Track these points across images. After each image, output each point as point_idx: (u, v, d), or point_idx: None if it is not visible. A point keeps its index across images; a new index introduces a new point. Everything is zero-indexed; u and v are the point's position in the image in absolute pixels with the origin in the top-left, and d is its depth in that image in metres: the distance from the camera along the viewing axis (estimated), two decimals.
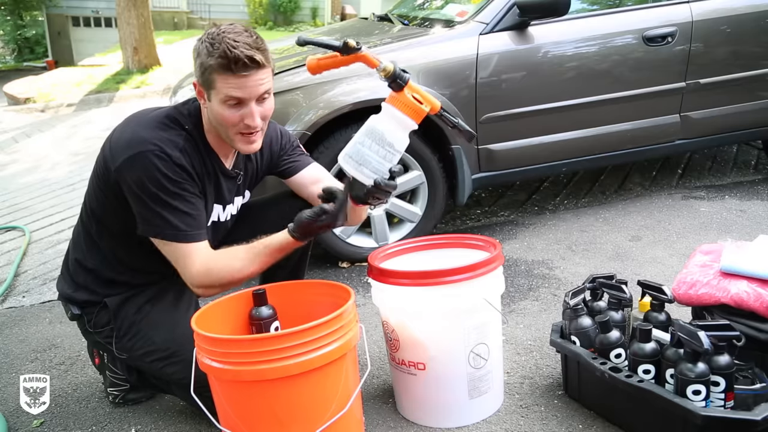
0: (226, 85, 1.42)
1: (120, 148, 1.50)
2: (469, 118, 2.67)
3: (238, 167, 1.70)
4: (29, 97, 8.53)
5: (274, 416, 1.35)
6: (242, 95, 1.44)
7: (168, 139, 1.49)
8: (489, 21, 2.71)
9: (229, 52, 1.38)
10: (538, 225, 3.05)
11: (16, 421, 1.81)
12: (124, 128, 1.54)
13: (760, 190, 3.30)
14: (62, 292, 1.73)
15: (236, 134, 1.50)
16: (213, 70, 1.41)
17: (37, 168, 5.15)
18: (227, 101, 1.45)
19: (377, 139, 1.40)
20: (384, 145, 1.40)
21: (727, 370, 1.36)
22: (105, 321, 1.67)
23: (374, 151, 1.40)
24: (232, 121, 1.47)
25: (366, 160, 1.40)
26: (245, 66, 1.40)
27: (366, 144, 1.41)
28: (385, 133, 1.41)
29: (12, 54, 19.24)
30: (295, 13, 15.87)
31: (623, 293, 1.70)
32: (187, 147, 1.52)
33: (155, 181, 1.46)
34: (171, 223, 1.48)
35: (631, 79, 2.91)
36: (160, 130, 1.50)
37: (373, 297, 1.68)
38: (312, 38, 1.45)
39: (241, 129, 1.49)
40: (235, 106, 1.46)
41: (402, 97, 1.42)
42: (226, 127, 1.49)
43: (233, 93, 1.43)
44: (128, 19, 9.21)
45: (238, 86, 1.42)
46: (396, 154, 1.42)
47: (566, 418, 1.63)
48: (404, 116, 1.42)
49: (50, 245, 3.29)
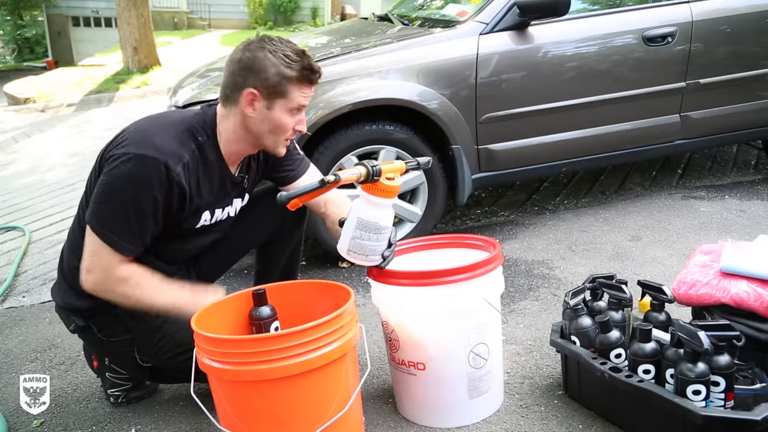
0: (301, 95, 1.54)
1: (130, 140, 1.51)
2: (469, 118, 2.68)
3: (242, 172, 1.72)
4: (29, 97, 8.54)
5: (274, 416, 1.35)
6: (307, 103, 1.58)
7: (175, 152, 1.50)
8: (489, 21, 2.71)
9: (311, 66, 1.54)
10: (538, 225, 3.05)
11: (16, 421, 1.81)
12: (144, 125, 1.56)
13: (760, 190, 3.30)
14: (63, 302, 1.67)
15: (285, 140, 1.61)
16: (292, 80, 1.52)
17: (37, 168, 5.15)
18: (295, 109, 1.56)
19: (372, 230, 1.51)
20: (379, 231, 1.52)
21: (727, 370, 1.36)
22: (121, 331, 1.65)
23: (372, 240, 1.52)
24: (289, 128, 1.58)
25: (367, 249, 1.53)
26: (318, 78, 1.57)
27: (363, 237, 1.52)
28: (377, 221, 1.51)
29: (12, 54, 19.26)
30: (295, 13, 15.88)
31: (623, 293, 1.70)
32: (191, 163, 1.54)
33: (134, 193, 1.47)
34: (118, 232, 1.49)
35: (631, 79, 2.91)
36: (173, 140, 1.52)
37: (373, 297, 1.68)
38: (293, 193, 1.50)
39: (290, 135, 1.60)
40: (294, 114, 1.57)
41: (379, 185, 1.50)
42: (280, 134, 1.58)
43: (304, 102, 1.56)
44: (128, 19, 9.21)
45: (308, 96, 1.57)
46: (390, 231, 1.55)
47: (566, 418, 1.63)
48: (385, 200, 1.51)
49: (50, 245, 3.29)
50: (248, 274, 2.66)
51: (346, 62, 2.60)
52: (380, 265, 1.57)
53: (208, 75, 3.04)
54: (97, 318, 1.65)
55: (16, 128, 7.13)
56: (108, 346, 1.70)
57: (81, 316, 1.66)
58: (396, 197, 1.56)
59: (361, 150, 2.56)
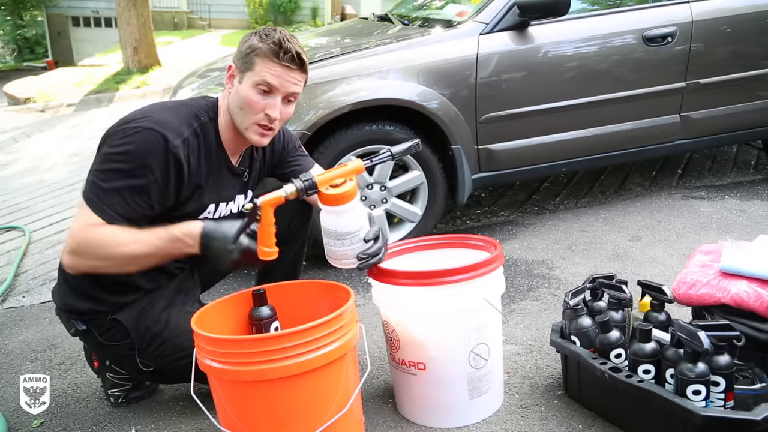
0: (265, 69, 1.49)
1: (129, 117, 1.51)
2: (469, 118, 2.68)
3: (244, 165, 1.71)
4: (29, 97, 8.54)
5: (274, 416, 1.35)
6: (276, 84, 1.50)
7: (175, 127, 1.49)
8: (489, 21, 2.71)
9: (283, 42, 1.49)
10: (538, 225, 3.05)
11: (16, 421, 1.81)
12: (145, 107, 1.56)
13: (760, 190, 3.30)
14: (63, 304, 1.66)
15: (253, 123, 1.54)
16: (260, 53, 1.49)
17: (37, 168, 5.15)
18: (260, 85, 1.50)
19: (334, 236, 1.52)
20: (342, 238, 1.52)
21: (727, 370, 1.36)
22: (121, 335, 1.64)
23: (338, 246, 1.53)
24: (255, 107, 1.52)
25: (338, 254, 1.54)
26: (291, 59, 1.49)
27: (331, 244, 1.54)
28: (336, 229, 1.51)
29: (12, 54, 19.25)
30: (295, 13, 15.88)
31: (623, 293, 1.70)
32: (192, 139, 1.53)
33: (129, 163, 1.43)
34: (106, 199, 1.43)
35: (631, 79, 2.91)
36: (174, 118, 1.51)
37: (373, 297, 1.68)
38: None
39: (260, 120, 1.54)
40: (264, 93, 1.51)
41: (323, 195, 1.49)
42: (247, 112, 1.53)
43: (269, 79, 1.50)
44: (128, 19, 9.21)
45: (277, 74, 1.50)
46: (357, 234, 1.52)
47: (566, 418, 1.63)
48: (337, 207, 1.49)
49: (50, 245, 3.29)
50: (248, 274, 2.66)
51: (346, 62, 2.60)
52: (370, 262, 1.54)
53: (208, 75, 3.04)
54: (98, 322, 1.64)
55: (16, 128, 7.12)
56: (109, 349, 1.69)
57: (81, 320, 1.65)
58: (352, 200, 1.49)
59: (361, 150, 2.55)
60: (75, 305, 1.64)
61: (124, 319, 1.63)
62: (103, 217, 1.43)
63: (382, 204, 2.67)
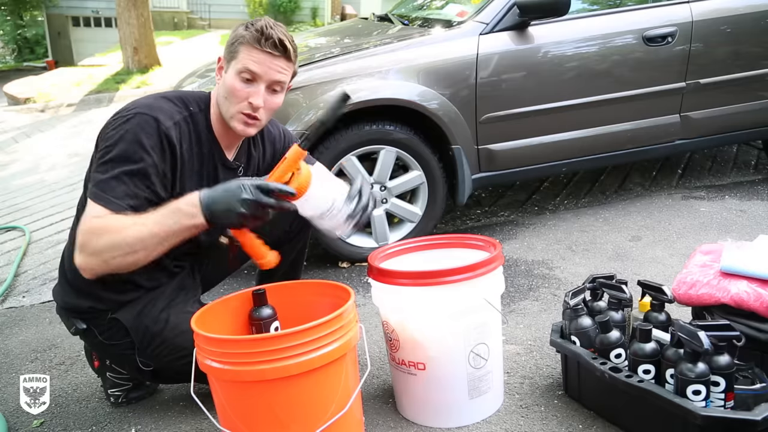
0: (248, 57, 1.49)
1: (117, 111, 1.52)
2: (469, 118, 2.68)
3: (239, 160, 1.70)
4: (29, 97, 8.54)
5: (274, 416, 1.35)
6: (259, 71, 1.50)
7: (166, 111, 1.51)
8: (489, 21, 2.71)
9: (264, 29, 1.49)
10: (538, 225, 3.05)
11: (16, 421, 1.81)
12: (137, 99, 1.57)
13: (760, 190, 3.30)
14: (63, 303, 1.66)
15: (237, 112, 1.54)
16: (243, 41, 1.49)
17: (37, 168, 5.15)
18: (243, 72, 1.50)
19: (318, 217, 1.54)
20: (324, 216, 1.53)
21: (727, 370, 1.36)
22: (121, 335, 1.64)
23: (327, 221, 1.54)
24: (239, 94, 1.51)
25: (332, 227, 1.55)
26: (274, 46, 1.49)
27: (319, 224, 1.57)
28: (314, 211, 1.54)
29: (12, 54, 19.26)
30: (295, 13, 15.88)
31: (623, 293, 1.70)
32: (183, 125, 1.54)
33: (125, 147, 1.44)
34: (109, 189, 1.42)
35: (631, 79, 2.91)
36: (165, 104, 1.53)
37: (373, 297, 1.68)
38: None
39: (244, 108, 1.53)
40: (247, 81, 1.51)
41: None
42: (231, 101, 1.53)
43: (251, 66, 1.49)
44: (128, 19, 9.22)
45: (259, 62, 1.49)
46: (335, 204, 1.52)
47: (566, 418, 1.63)
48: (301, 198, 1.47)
49: (50, 245, 3.29)
50: (248, 274, 2.67)
51: (346, 62, 2.60)
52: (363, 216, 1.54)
53: (208, 75, 3.04)
54: (98, 321, 1.64)
55: (16, 128, 7.13)
56: (109, 348, 1.69)
57: (82, 319, 1.65)
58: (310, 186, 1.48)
59: (361, 150, 2.55)
60: (75, 303, 1.64)
61: (124, 319, 1.63)
62: (107, 207, 1.42)
63: (382, 204, 2.67)
